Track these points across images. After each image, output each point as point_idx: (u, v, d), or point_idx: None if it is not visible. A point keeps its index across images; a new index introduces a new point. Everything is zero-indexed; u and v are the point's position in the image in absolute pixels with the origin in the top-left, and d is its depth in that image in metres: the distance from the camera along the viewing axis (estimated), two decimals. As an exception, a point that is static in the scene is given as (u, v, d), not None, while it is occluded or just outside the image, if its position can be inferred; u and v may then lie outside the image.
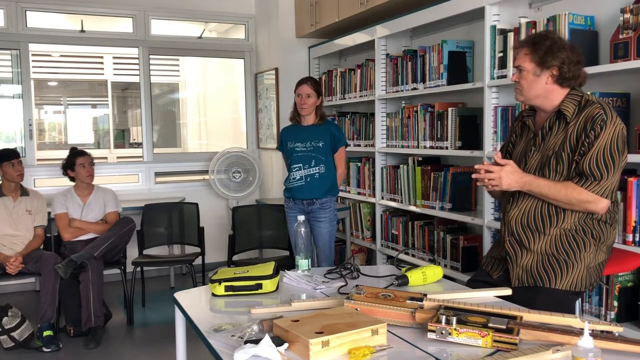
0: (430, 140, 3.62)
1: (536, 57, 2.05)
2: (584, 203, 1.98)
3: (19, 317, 3.63)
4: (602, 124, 1.95)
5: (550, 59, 2.03)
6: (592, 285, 2.08)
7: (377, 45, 4.14)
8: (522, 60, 2.09)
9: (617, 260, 2.29)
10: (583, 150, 1.98)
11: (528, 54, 2.07)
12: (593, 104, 2.02)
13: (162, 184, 5.60)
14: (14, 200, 4.00)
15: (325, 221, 3.63)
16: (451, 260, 3.49)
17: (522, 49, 2.11)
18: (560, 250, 2.04)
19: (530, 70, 2.07)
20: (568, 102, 2.06)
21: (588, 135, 1.97)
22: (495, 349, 1.44)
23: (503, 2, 3.08)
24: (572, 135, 2.02)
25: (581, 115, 2.02)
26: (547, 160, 2.07)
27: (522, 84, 2.10)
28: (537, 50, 2.05)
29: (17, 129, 5.23)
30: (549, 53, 2.03)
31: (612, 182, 1.97)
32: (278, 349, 1.41)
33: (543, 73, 2.05)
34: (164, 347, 3.66)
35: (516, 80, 2.12)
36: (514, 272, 2.11)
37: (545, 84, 2.06)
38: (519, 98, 2.16)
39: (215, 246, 5.30)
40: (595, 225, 2.05)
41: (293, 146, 3.65)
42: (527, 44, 2.09)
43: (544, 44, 2.04)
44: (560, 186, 2.00)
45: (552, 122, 2.09)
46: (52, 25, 5.38)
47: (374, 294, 1.76)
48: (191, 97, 7.54)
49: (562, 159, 2.03)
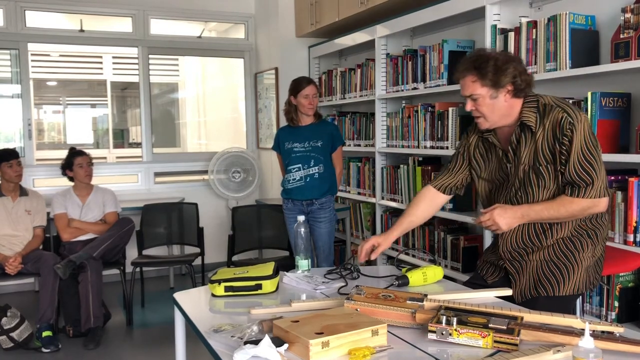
0: (430, 140, 3.62)
1: (487, 81, 1.96)
2: (586, 210, 1.95)
3: (18, 318, 3.63)
4: (571, 127, 1.90)
5: (502, 77, 1.95)
6: (593, 284, 2.07)
7: (378, 44, 4.13)
8: (473, 89, 1.98)
9: (617, 260, 2.28)
10: (563, 159, 1.93)
11: (476, 80, 1.97)
12: (554, 109, 1.96)
13: (162, 184, 5.59)
14: (13, 200, 3.99)
15: (325, 221, 3.62)
16: (451, 260, 3.48)
17: (466, 77, 2.00)
18: (560, 256, 2.02)
19: (485, 95, 1.98)
20: (527, 111, 2.00)
21: (562, 143, 1.92)
22: (496, 349, 1.44)
23: (504, 2, 3.07)
24: (543, 145, 1.97)
25: (545, 123, 1.96)
26: (526, 177, 2.02)
27: (482, 111, 2.01)
28: (484, 74, 1.95)
29: (16, 129, 5.23)
30: (498, 72, 1.95)
31: (602, 179, 1.93)
32: (278, 349, 1.40)
33: (500, 93, 1.97)
34: (163, 348, 3.65)
35: (472, 109, 2.03)
36: (518, 289, 2.08)
37: (505, 102, 1.99)
38: (484, 126, 2.06)
39: (214, 246, 5.29)
40: (589, 224, 2.03)
41: (291, 146, 3.63)
42: (470, 70, 1.99)
43: (488, 65, 1.95)
44: (557, 205, 1.95)
45: (519, 135, 2.03)
46: (52, 24, 5.37)
47: (374, 295, 1.76)
48: (191, 97, 7.53)
49: (542, 172, 1.99)
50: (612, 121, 2.53)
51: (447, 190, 2.28)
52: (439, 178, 2.30)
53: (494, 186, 2.16)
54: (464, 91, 2.03)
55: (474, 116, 2.07)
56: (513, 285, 2.09)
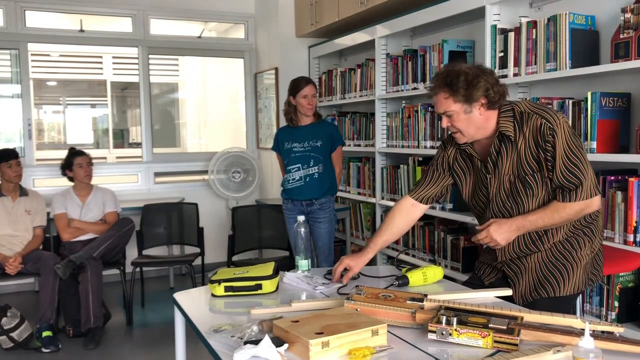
0: (430, 140, 3.62)
1: (459, 97, 1.94)
2: (580, 213, 1.94)
3: (18, 318, 3.63)
4: (551, 132, 1.89)
5: (474, 92, 1.93)
6: (593, 280, 2.07)
7: (377, 44, 4.13)
8: (447, 105, 1.96)
9: (617, 260, 2.29)
10: (549, 165, 1.92)
11: (448, 97, 1.96)
12: (531, 116, 1.95)
13: (162, 184, 5.59)
14: (13, 200, 3.99)
15: (325, 221, 3.62)
16: (452, 260, 3.48)
17: (439, 94, 1.98)
18: (558, 257, 2.02)
19: (459, 111, 1.96)
20: (504, 121, 1.99)
21: (545, 149, 1.91)
22: (496, 349, 1.44)
23: (504, 2, 3.07)
24: (527, 155, 1.96)
25: (525, 131, 1.95)
26: (513, 187, 2.01)
27: (458, 126, 2.00)
28: (456, 90, 1.94)
29: (16, 129, 5.23)
30: (470, 87, 1.93)
31: (591, 178, 1.92)
32: (278, 349, 1.40)
33: (473, 107, 1.96)
34: (163, 348, 3.65)
35: (448, 125, 2.02)
36: (517, 292, 2.07)
37: (480, 115, 1.97)
38: (462, 140, 2.05)
39: (214, 246, 5.29)
40: (583, 222, 2.02)
41: (291, 147, 3.63)
42: (442, 87, 1.97)
43: (459, 81, 1.94)
44: (551, 211, 1.94)
45: (498, 146, 2.02)
46: (51, 24, 5.37)
47: (374, 295, 1.76)
48: (191, 97, 7.53)
49: (529, 181, 1.98)
50: (612, 121, 2.53)
51: (427, 201, 2.25)
52: (418, 189, 2.25)
53: (479, 197, 2.15)
54: (438, 108, 2.01)
55: (451, 132, 2.06)
56: (512, 287, 2.08)
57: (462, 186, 2.19)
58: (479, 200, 2.15)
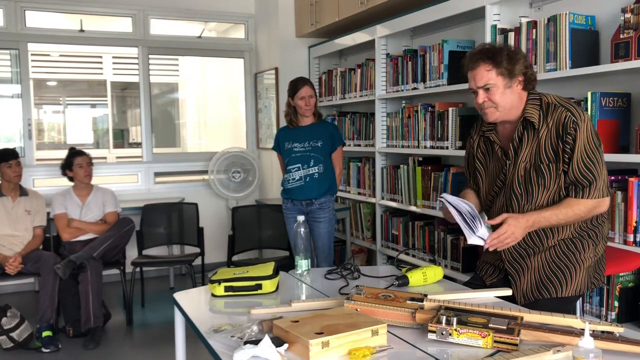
0: (430, 140, 3.62)
1: (502, 69, 1.96)
2: (592, 211, 1.96)
3: (18, 318, 3.63)
4: (574, 126, 1.92)
5: (516, 66, 1.96)
6: (594, 284, 2.07)
7: (378, 44, 4.13)
8: (488, 78, 1.97)
9: (617, 260, 2.29)
10: (566, 157, 1.94)
11: (491, 69, 1.97)
12: (557, 108, 1.97)
13: (162, 184, 5.59)
14: (13, 200, 3.99)
15: (325, 221, 3.62)
16: (451, 260, 3.48)
17: (479, 67, 1.98)
18: (561, 257, 2.02)
19: (500, 85, 1.97)
20: (530, 108, 2.01)
21: (565, 141, 1.93)
22: (496, 349, 1.44)
23: (503, 2, 3.07)
24: (546, 144, 1.98)
25: (549, 121, 1.97)
26: (527, 174, 2.03)
27: (495, 100, 1.99)
28: (499, 62, 1.95)
29: (16, 129, 5.23)
30: (512, 61, 1.96)
31: (604, 179, 1.95)
32: (278, 349, 1.40)
33: (513, 83, 1.98)
34: (163, 348, 3.65)
35: (484, 100, 2.01)
36: (518, 290, 2.08)
37: (517, 92, 2.00)
38: (492, 117, 2.04)
39: (214, 246, 5.29)
40: (589, 224, 2.04)
41: (291, 146, 3.63)
42: (484, 60, 1.97)
43: (502, 55, 1.96)
44: (564, 208, 1.95)
45: (521, 133, 2.03)
46: (51, 24, 5.37)
47: (374, 295, 1.76)
48: (191, 97, 7.52)
49: (543, 171, 1.99)
50: (612, 121, 2.53)
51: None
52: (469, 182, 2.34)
53: (494, 185, 2.17)
54: (478, 82, 2.00)
55: (484, 107, 2.03)
56: (513, 286, 2.08)
57: (483, 177, 2.21)
58: (495, 188, 2.15)
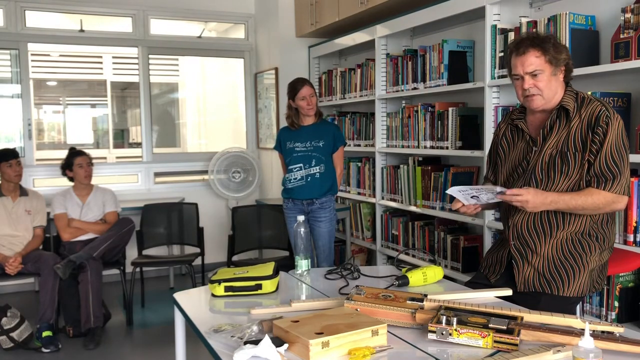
0: (430, 140, 3.62)
1: (550, 57, 2.00)
2: (609, 205, 1.97)
3: (18, 318, 3.63)
4: (607, 120, 1.95)
5: (561, 55, 2.02)
6: (595, 288, 2.08)
7: (377, 44, 4.13)
8: (537, 64, 2.00)
9: (617, 260, 2.29)
10: (594, 148, 1.96)
11: (540, 56, 2.00)
12: (592, 102, 2.01)
13: (162, 184, 5.59)
14: (13, 200, 3.99)
15: (325, 221, 3.62)
16: (451, 260, 3.48)
17: (528, 53, 2.01)
18: (567, 255, 2.03)
19: (548, 71, 2.01)
20: (567, 97, 2.06)
21: (596, 132, 1.96)
22: (496, 349, 1.44)
23: (504, 2, 3.07)
24: (576, 133, 2.00)
25: (582, 113, 2.00)
26: (551, 161, 2.03)
27: (540, 87, 2.01)
28: (547, 50, 2.00)
29: (16, 129, 5.23)
30: (558, 50, 2.01)
31: (627, 178, 1.98)
32: (278, 349, 1.40)
33: (558, 71, 2.03)
34: (163, 348, 3.65)
35: (530, 86, 2.02)
36: (520, 276, 2.08)
37: (560, 81, 2.05)
38: (538, 104, 2.05)
39: (214, 246, 5.29)
40: (600, 229, 2.05)
41: (292, 146, 3.63)
42: (534, 46, 2.01)
43: (549, 43, 2.01)
44: (584, 195, 1.96)
45: (554, 121, 2.06)
46: (52, 24, 5.37)
47: (374, 295, 1.76)
48: (191, 97, 7.52)
49: (568, 158, 2.00)
50: (612, 121, 2.53)
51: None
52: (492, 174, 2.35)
53: (514, 172, 2.17)
54: (527, 67, 2.02)
55: (530, 93, 2.04)
56: (516, 272, 2.09)
57: (503, 163, 2.23)
58: (515, 175, 2.16)
